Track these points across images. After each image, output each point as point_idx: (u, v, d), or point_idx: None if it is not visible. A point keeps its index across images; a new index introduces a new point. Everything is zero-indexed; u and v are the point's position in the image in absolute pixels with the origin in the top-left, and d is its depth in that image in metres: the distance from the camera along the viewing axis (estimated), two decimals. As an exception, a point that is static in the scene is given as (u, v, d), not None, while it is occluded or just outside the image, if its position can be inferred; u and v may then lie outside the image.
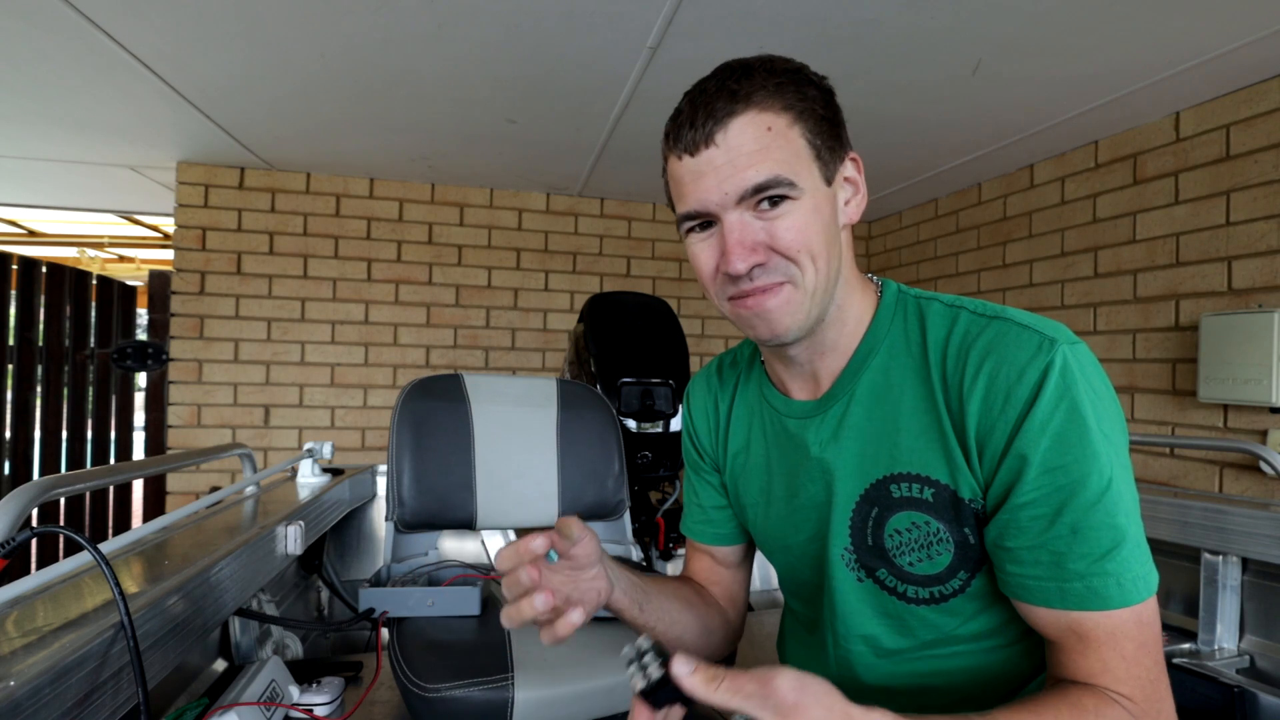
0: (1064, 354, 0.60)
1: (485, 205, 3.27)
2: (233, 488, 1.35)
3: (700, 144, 0.64)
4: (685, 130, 0.65)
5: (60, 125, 2.45)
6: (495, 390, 1.54)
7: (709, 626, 0.87)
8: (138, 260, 5.61)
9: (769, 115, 0.63)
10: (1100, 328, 2.41)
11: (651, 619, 0.79)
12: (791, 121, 0.64)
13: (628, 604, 0.76)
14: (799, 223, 0.64)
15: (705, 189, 0.64)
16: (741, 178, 0.63)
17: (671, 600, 0.82)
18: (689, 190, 0.66)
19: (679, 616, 0.82)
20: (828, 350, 0.72)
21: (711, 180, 0.64)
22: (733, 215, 0.64)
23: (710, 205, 0.65)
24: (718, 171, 0.63)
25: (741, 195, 0.63)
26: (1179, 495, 1.32)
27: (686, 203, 0.66)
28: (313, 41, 1.81)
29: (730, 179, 0.63)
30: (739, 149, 0.63)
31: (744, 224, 0.64)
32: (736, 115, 0.63)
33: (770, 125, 0.63)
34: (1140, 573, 0.58)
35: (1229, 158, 2.01)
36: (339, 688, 1.13)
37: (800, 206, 0.64)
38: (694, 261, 0.70)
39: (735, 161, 0.63)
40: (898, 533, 0.68)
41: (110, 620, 0.65)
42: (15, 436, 2.71)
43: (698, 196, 0.65)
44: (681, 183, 0.67)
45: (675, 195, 0.69)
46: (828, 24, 1.69)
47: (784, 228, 0.64)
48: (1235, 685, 1.16)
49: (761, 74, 0.64)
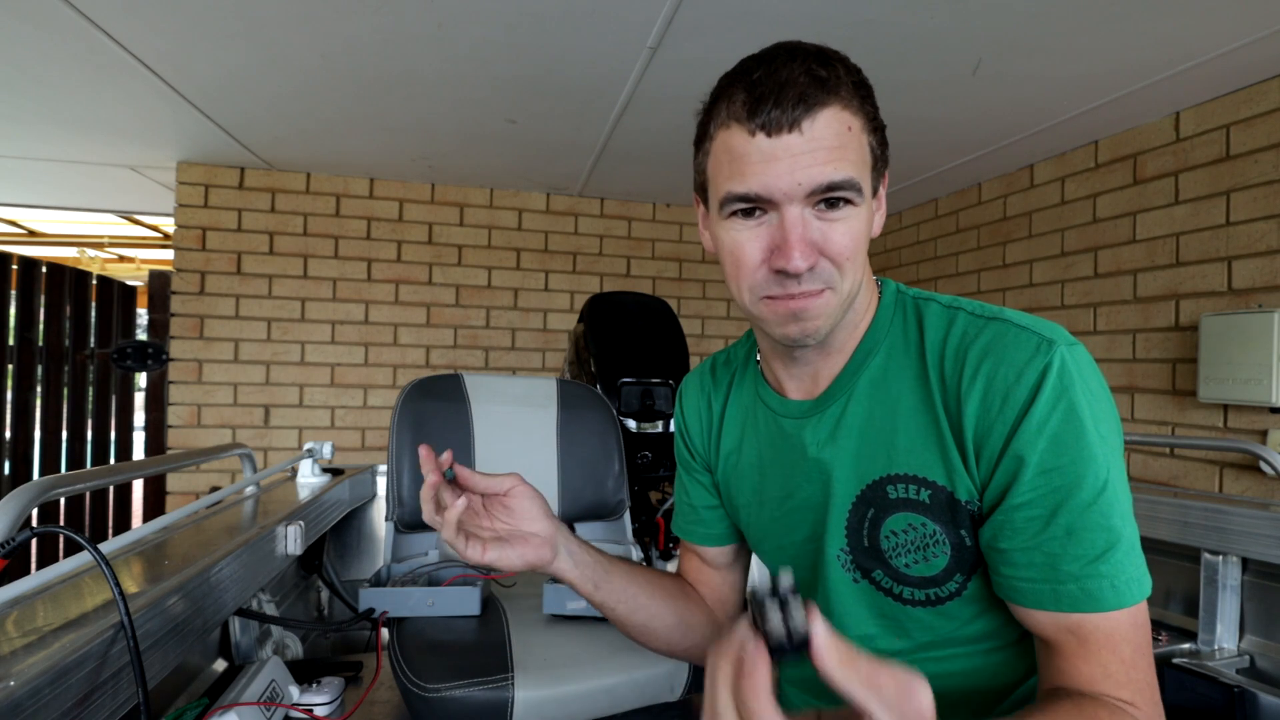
0: (1062, 355, 0.60)
1: (485, 205, 3.27)
2: (233, 488, 1.35)
3: (784, 126, 0.59)
4: (767, 106, 0.59)
5: (60, 125, 2.45)
6: (495, 390, 1.53)
7: (689, 623, 0.86)
8: (138, 260, 5.61)
9: (849, 114, 0.61)
10: (1100, 328, 2.41)
11: (610, 599, 0.80)
12: (864, 126, 0.63)
13: (578, 578, 0.77)
14: (854, 229, 0.62)
15: (776, 174, 0.60)
16: (819, 172, 0.59)
17: (643, 587, 0.82)
18: (754, 170, 0.60)
19: (648, 604, 0.82)
20: (832, 350, 0.72)
21: (785, 167, 0.59)
22: (795, 209, 0.61)
23: (776, 193, 0.60)
24: (795, 160, 0.59)
25: (814, 190, 0.60)
26: (1179, 495, 1.32)
27: (747, 182, 0.61)
28: (313, 41, 1.81)
29: (807, 170, 0.59)
30: (822, 141, 0.59)
31: (805, 221, 0.61)
32: (826, 105, 0.59)
33: (851, 125, 0.61)
34: (1134, 575, 0.58)
35: (1229, 158, 2.01)
36: (339, 688, 1.13)
37: (858, 213, 0.63)
38: (733, 248, 0.64)
39: (816, 153, 0.59)
40: (894, 534, 0.68)
41: (110, 620, 0.65)
42: (15, 436, 2.71)
43: (764, 181, 0.60)
44: (746, 160, 0.61)
45: (729, 171, 0.62)
46: (828, 24, 1.69)
47: (840, 232, 0.62)
48: (1235, 685, 1.16)
49: (841, 67, 0.62)
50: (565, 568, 0.76)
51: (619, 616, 0.82)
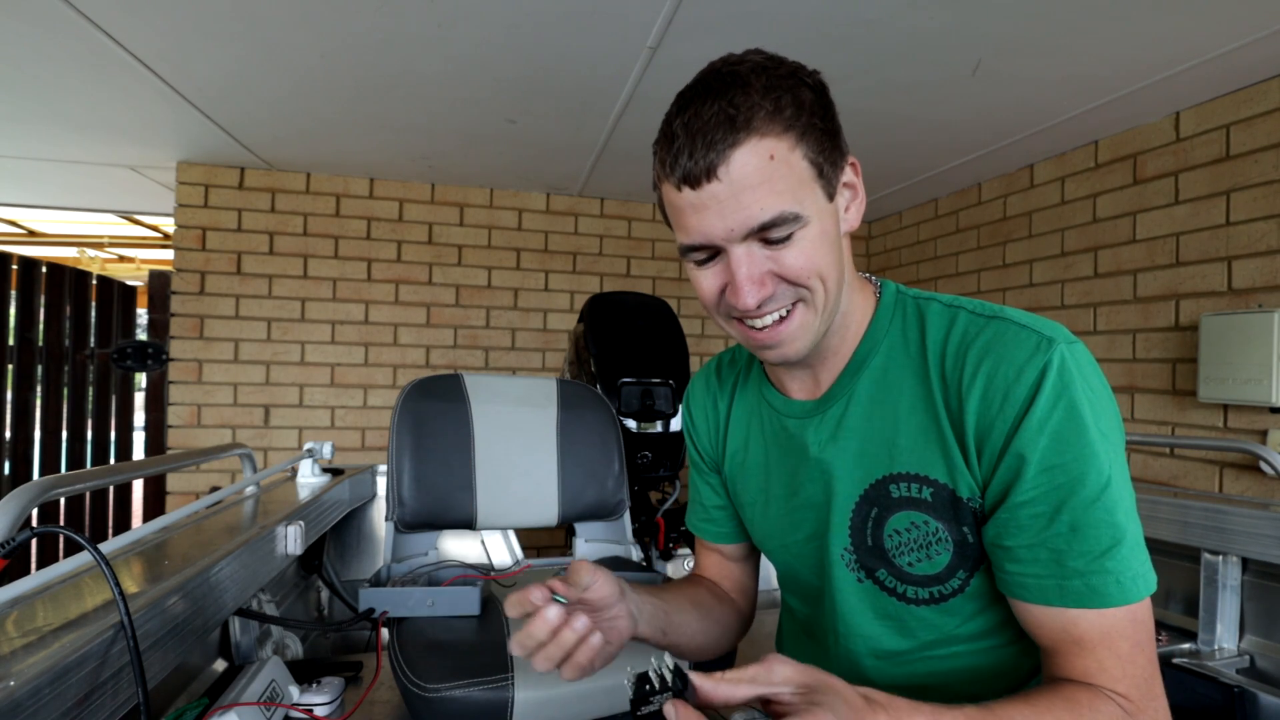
0: (1062, 353, 0.60)
1: (485, 205, 3.27)
2: (233, 488, 1.35)
3: (701, 178, 0.60)
4: (683, 159, 0.60)
5: (60, 125, 2.45)
6: (495, 390, 1.54)
7: (726, 625, 0.88)
8: (138, 260, 5.61)
9: (769, 141, 0.60)
10: (1100, 328, 2.41)
11: (675, 639, 0.79)
12: (793, 144, 0.61)
13: (650, 633, 0.74)
14: (807, 250, 0.62)
15: (708, 223, 0.61)
16: (746, 215, 0.60)
17: (690, 613, 0.82)
18: (691, 223, 0.63)
19: (699, 627, 0.83)
20: (829, 354, 0.73)
21: (714, 214, 0.61)
22: (739, 249, 0.62)
23: (715, 239, 0.62)
24: (721, 206, 0.60)
25: (747, 232, 0.61)
26: (1179, 495, 1.32)
27: (689, 234, 0.64)
28: (313, 41, 1.81)
29: (735, 214, 0.60)
30: (742, 182, 0.59)
31: (751, 256, 0.62)
32: (738, 145, 0.59)
33: (772, 153, 0.60)
34: (1139, 571, 0.58)
35: (1229, 158, 2.01)
36: (339, 688, 1.13)
37: (807, 234, 0.62)
38: (696, 286, 0.68)
39: (739, 196, 0.60)
40: (897, 533, 0.68)
41: (110, 620, 0.65)
42: (15, 436, 2.71)
43: (701, 230, 0.62)
44: (682, 213, 0.63)
45: (675, 224, 0.66)
46: (828, 24, 1.69)
47: (792, 256, 0.62)
48: (1235, 685, 1.16)
49: (758, 86, 0.60)
50: (643, 629, 0.73)
51: (680, 647, 0.80)
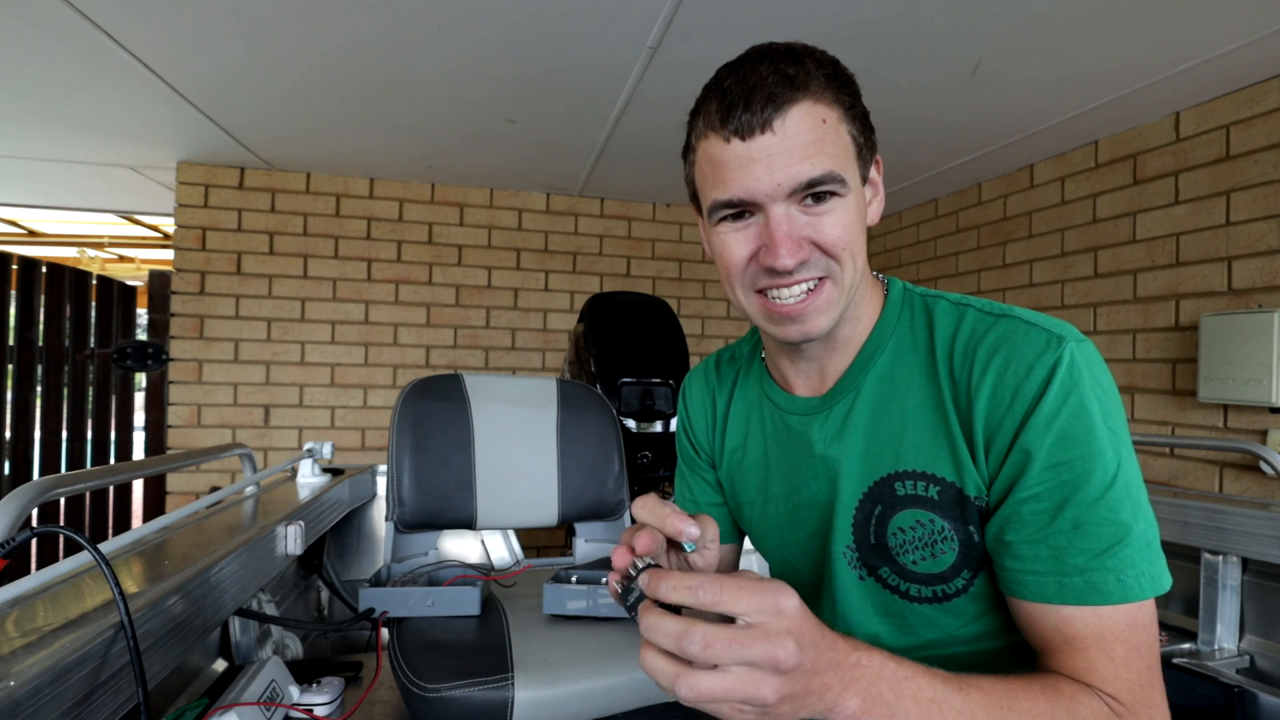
0: (1071, 351, 0.60)
1: (485, 205, 3.27)
2: (233, 488, 1.35)
3: (756, 129, 0.60)
4: (737, 111, 0.60)
5: (60, 125, 2.45)
6: (495, 390, 1.54)
7: None
8: (138, 260, 5.61)
9: (823, 107, 0.61)
10: (1100, 328, 2.41)
11: None
12: (841, 116, 0.63)
13: None
14: (845, 220, 0.63)
15: (755, 177, 0.61)
16: (797, 170, 0.60)
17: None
18: (734, 176, 0.61)
19: None
20: (839, 346, 0.72)
21: (763, 169, 0.60)
22: (779, 208, 0.62)
23: (758, 195, 0.61)
24: (771, 160, 0.60)
25: (794, 188, 0.61)
26: (1179, 495, 1.32)
27: (729, 189, 0.62)
28: (313, 41, 1.81)
29: (784, 169, 0.60)
30: (796, 139, 0.60)
31: (791, 218, 0.62)
32: (796, 103, 0.60)
33: (825, 117, 0.61)
34: (1145, 570, 0.57)
35: (1229, 158, 2.01)
36: (339, 688, 1.13)
37: (846, 204, 0.63)
38: (722, 250, 0.66)
39: (791, 152, 0.60)
40: (901, 531, 0.68)
41: (110, 620, 0.65)
42: (15, 436, 2.71)
43: (745, 185, 0.61)
44: (725, 167, 0.62)
45: (712, 179, 0.64)
46: (828, 24, 1.69)
47: (830, 224, 0.62)
48: (1235, 685, 1.16)
49: (811, 62, 0.62)
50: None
51: None
